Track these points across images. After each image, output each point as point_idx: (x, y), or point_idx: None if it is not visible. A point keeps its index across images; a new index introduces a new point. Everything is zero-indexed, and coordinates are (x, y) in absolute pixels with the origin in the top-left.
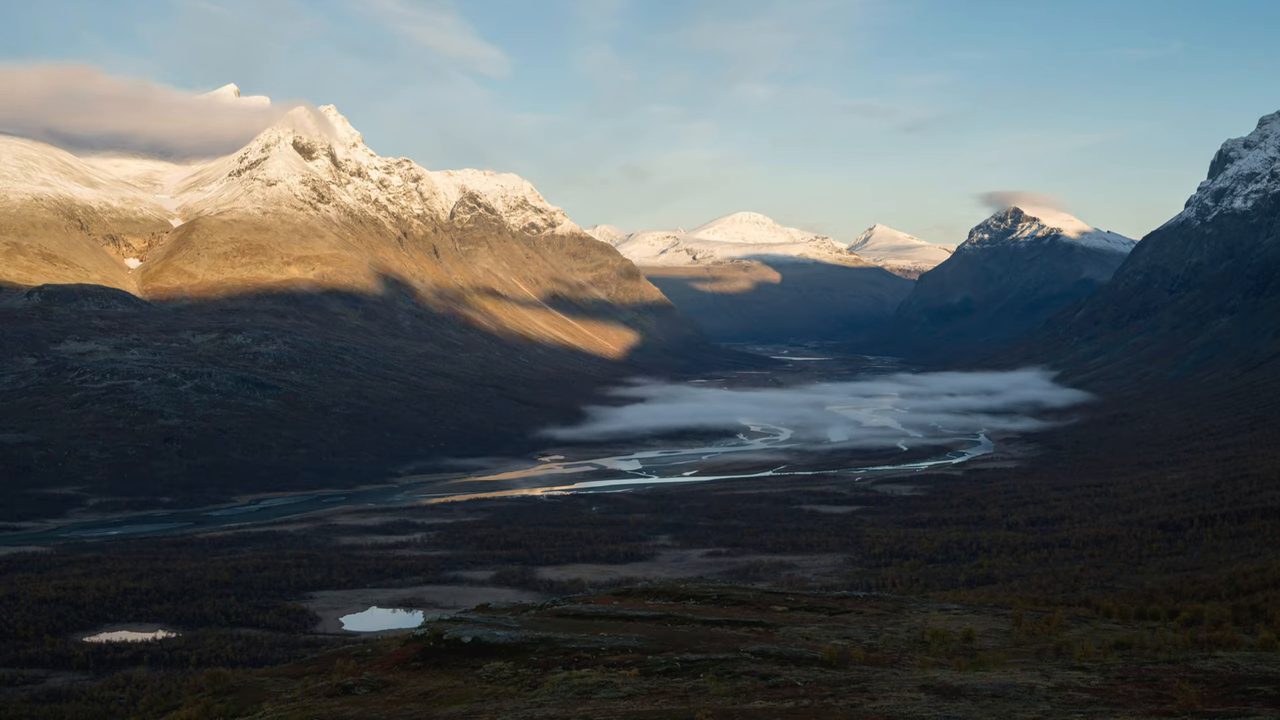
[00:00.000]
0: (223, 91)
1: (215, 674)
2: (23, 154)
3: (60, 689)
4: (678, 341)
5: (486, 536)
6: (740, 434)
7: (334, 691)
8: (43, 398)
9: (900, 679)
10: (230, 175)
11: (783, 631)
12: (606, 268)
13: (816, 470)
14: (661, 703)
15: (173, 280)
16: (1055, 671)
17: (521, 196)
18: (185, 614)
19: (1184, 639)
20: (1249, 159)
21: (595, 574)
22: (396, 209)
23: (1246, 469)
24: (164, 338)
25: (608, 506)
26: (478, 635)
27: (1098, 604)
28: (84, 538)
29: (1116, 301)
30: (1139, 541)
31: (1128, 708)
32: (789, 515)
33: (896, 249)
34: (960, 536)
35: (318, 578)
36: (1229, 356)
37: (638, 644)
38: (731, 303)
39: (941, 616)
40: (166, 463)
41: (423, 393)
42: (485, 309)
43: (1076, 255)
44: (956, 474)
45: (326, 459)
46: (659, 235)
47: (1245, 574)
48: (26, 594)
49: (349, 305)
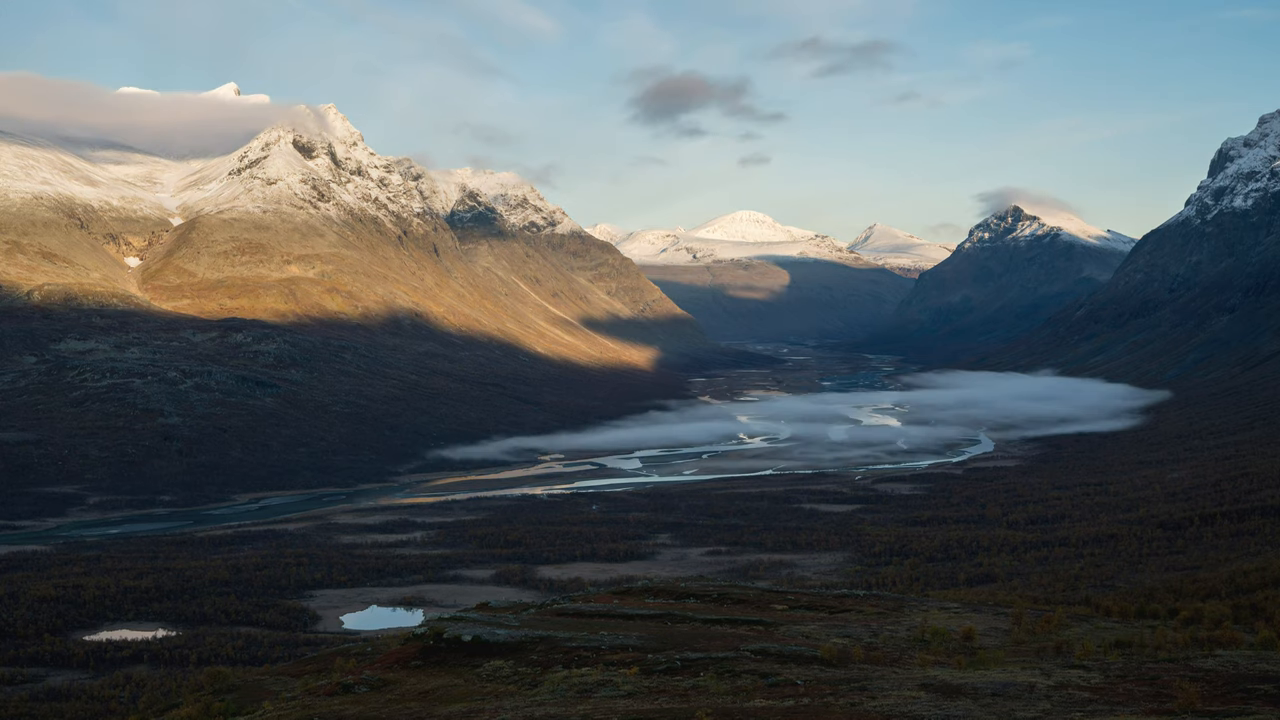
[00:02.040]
0: (223, 90)
1: (215, 672)
2: (23, 153)
3: (60, 688)
4: (678, 341)
5: (486, 535)
6: (740, 433)
7: (334, 690)
8: (43, 396)
9: (900, 678)
10: (230, 174)
11: (783, 630)
12: (607, 266)
13: (816, 469)
14: (662, 701)
15: (173, 279)
16: (1055, 670)
17: (521, 195)
18: (185, 613)
19: (1184, 638)
20: (1249, 158)
21: (595, 572)
22: (396, 208)
23: (1246, 467)
24: (164, 336)
25: (608, 505)
26: (478, 634)
27: (1098, 603)
28: (84, 536)
29: (1117, 300)
30: (1139, 540)
31: (1128, 706)
32: (789, 514)
33: (896, 248)
34: (960, 535)
35: (318, 576)
36: (1229, 355)
37: (638, 643)
38: (731, 301)
39: (941, 615)
40: (167, 461)
41: (423, 391)
42: (488, 309)
43: (1077, 254)
44: (956, 473)
45: (326, 457)
46: (659, 234)
47: (1245, 573)
48: (27, 592)
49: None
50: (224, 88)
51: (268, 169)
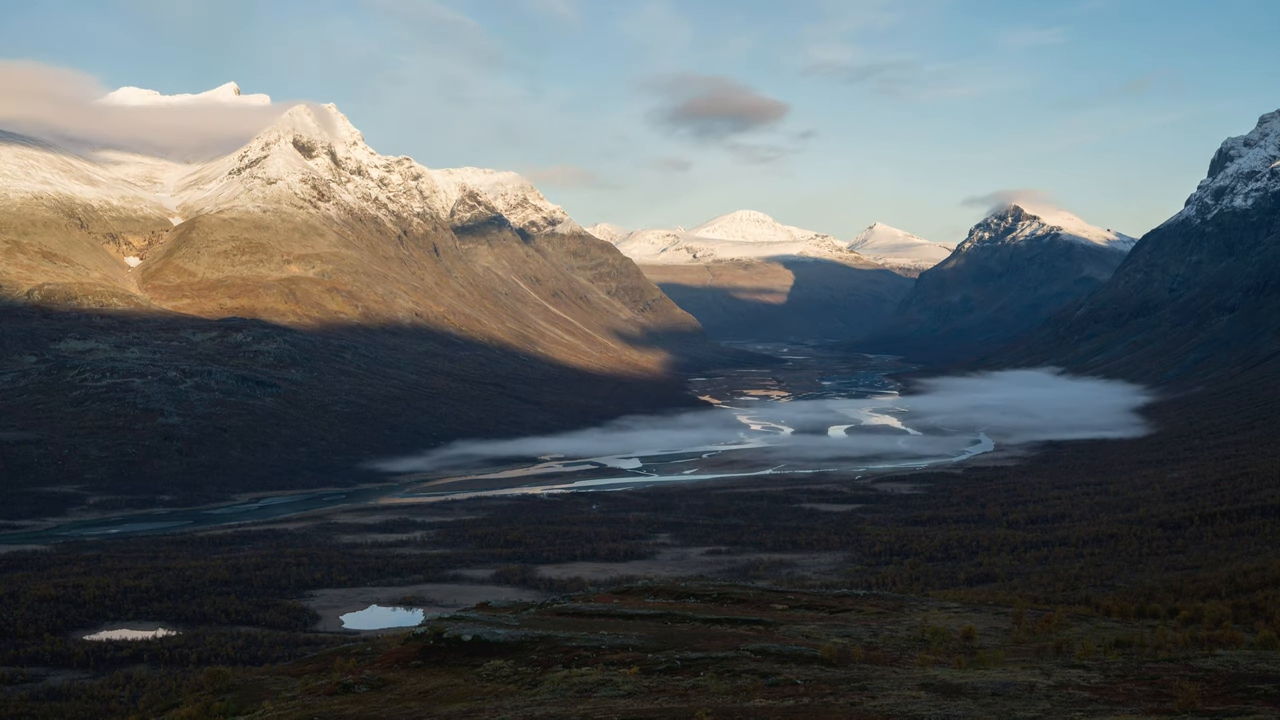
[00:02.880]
0: (222, 90)
1: (215, 672)
2: (23, 152)
3: (60, 687)
4: (678, 340)
5: (486, 535)
6: (740, 432)
7: (334, 690)
8: (43, 396)
9: (900, 677)
10: (230, 174)
11: (783, 630)
12: (607, 266)
13: (817, 468)
14: (661, 701)
15: (173, 278)
16: (1055, 670)
17: (521, 195)
18: (185, 612)
19: (1184, 637)
20: (1249, 157)
21: (595, 572)
22: (396, 207)
23: (1246, 467)
24: (164, 336)
25: (608, 505)
26: (478, 634)
27: (1098, 602)
28: (84, 536)
29: (1117, 300)
30: (1139, 540)
31: (1128, 706)
32: (789, 513)
33: (897, 247)
34: (960, 535)
35: (318, 576)
36: (1229, 355)
37: (638, 642)
38: (731, 301)
39: (941, 615)
40: (167, 461)
41: (423, 391)
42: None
43: (1077, 254)
44: (956, 472)
45: (326, 457)
46: (659, 234)
47: (1245, 572)
48: (27, 592)
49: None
50: (224, 87)
51: (268, 168)
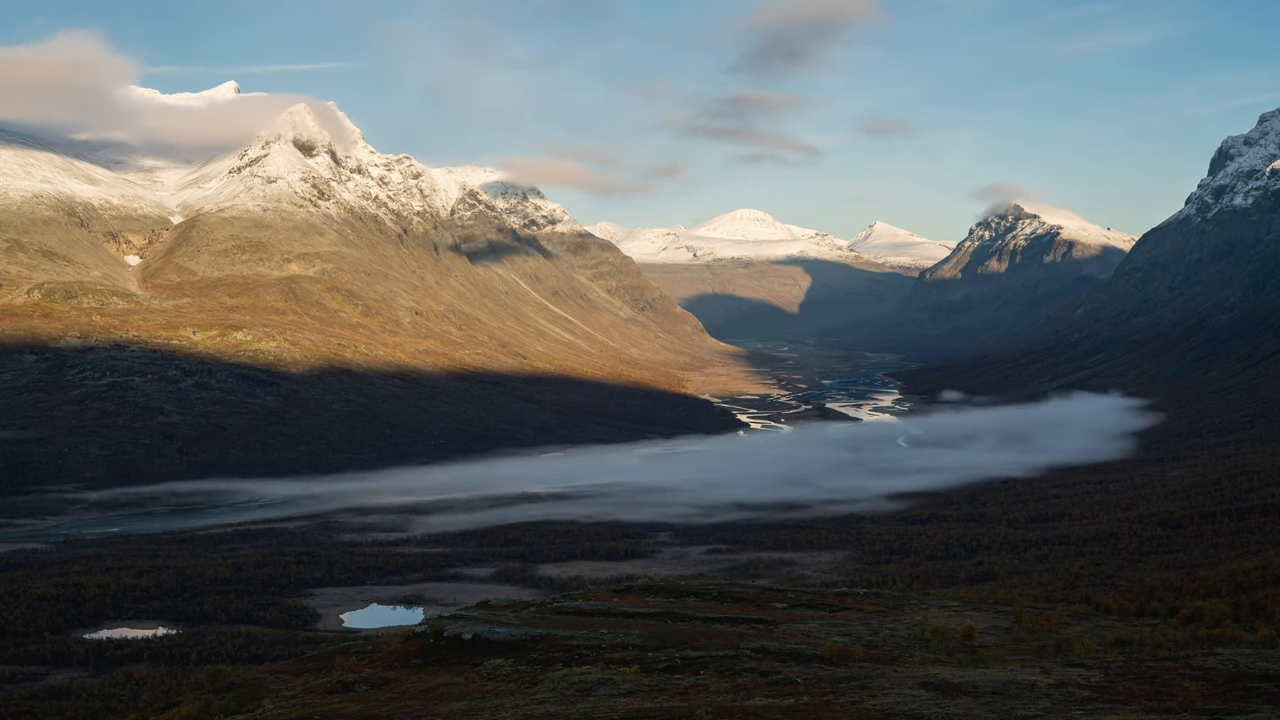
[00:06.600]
0: (222, 89)
1: (215, 671)
2: (23, 152)
3: (60, 686)
4: (678, 339)
5: (487, 533)
6: (741, 431)
7: (334, 688)
8: (43, 395)
9: (900, 676)
10: (230, 172)
11: (783, 629)
12: (607, 265)
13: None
14: (662, 700)
15: (173, 277)
16: (1055, 668)
17: (522, 193)
18: (185, 611)
19: (1184, 636)
20: (1249, 156)
21: (595, 571)
22: (397, 206)
23: (1246, 466)
24: (164, 335)
25: (609, 502)
26: (478, 632)
27: (1098, 601)
28: (84, 535)
29: (1116, 299)
30: (1139, 538)
31: (1128, 705)
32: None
33: (897, 246)
34: (960, 533)
35: (318, 575)
36: (1229, 354)
37: (638, 641)
38: (731, 300)
39: (941, 613)
40: (167, 459)
41: (423, 390)
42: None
43: (1076, 252)
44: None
45: (326, 456)
46: (659, 232)
47: (1245, 571)
48: (27, 591)
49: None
50: (224, 86)
51: (268, 167)
